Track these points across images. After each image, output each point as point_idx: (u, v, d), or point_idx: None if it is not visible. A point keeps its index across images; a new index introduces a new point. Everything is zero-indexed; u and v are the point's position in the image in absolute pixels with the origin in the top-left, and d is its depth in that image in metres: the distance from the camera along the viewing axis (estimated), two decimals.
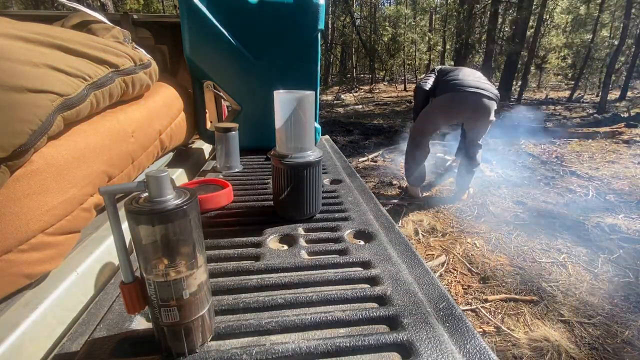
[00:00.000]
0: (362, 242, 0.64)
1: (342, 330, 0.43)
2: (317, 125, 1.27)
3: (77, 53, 0.66)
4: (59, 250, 0.54)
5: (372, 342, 0.40)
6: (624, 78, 8.18)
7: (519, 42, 8.71)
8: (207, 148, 1.40)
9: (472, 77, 2.63)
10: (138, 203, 0.35)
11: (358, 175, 1.03)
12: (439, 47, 14.69)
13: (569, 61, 13.06)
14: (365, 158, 4.23)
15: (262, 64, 1.17)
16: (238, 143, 1.05)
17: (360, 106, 8.96)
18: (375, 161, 4.15)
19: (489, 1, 9.60)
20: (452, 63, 12.80)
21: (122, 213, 0.35)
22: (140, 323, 0.44)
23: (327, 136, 1.57)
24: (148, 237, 0.35)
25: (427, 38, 14.24)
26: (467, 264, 2.06)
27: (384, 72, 16.58)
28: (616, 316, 1.62)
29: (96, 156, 0.65)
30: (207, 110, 1.29)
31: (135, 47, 0.90)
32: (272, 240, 0.65)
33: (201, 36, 1.10)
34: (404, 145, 4.63)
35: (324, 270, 0.55)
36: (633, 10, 8.60)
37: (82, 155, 0.61)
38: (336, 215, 0.74)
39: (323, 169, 1.03)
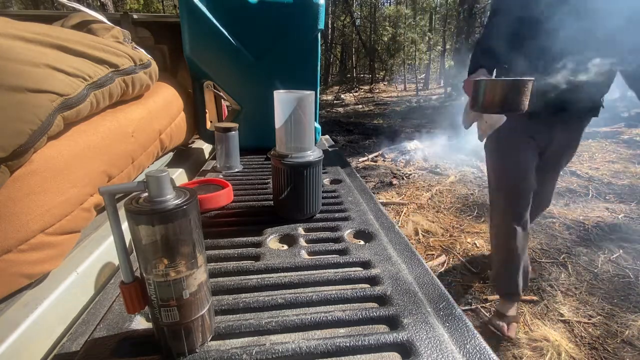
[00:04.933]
0: (362, 242, 0.64)
1: (342, 330, 0.43)
2: (317, 125, 1.27)
3: (77, 53, 0.66)
4: (59, 250, 0.54)
5: (372, 342, 0.40)
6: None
7: None
8: (207, 148, 1.40)
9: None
10: (138, 203, 0.35)
11: (358, 175, 1.03)
12: (439, 47, 14.69)
13: None
14: (365, 158, 4.23)
15: (262, 64, 1.17)
16: (238, 143, 1.05)
17: (360, 106, 8.96)
18: (375, 161, 4.15)
19: (489, 1, 9.59)
20: (452, 63, 12.79)
21: (122, 213, 0.35)
22: (140, 323, 0.44)
23: (327, 136, 1.58)
24: (148, 237, 0.34)
25: (427, 38, 14.25)
26: (467, 264, 2.06)
27: (384, 72, 16.59)
28: (616, 316, 1.62)
29: (96, 156, 0.65)
30: (207, 110, 1.29)
31: (135, 47, 0.90)
32: (272, 240, 0.65)
33: (201, 36, 1.10)
34: (404, 145, 4.64)
35: (324, 270, 0.55)
36: None
37: (82, 155, 0.61)
38: (336, 215, 0.74)
39: (323, 169, 1.03)
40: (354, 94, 11.44)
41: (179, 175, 1.04)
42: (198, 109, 1.22)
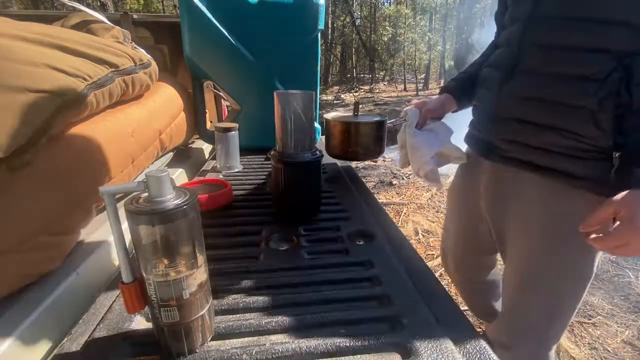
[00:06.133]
0: (362, 242, 0.64)
1: (342, 330, 0.43)
2: (317, 125, 1.27)
3: (77, 53, 0.66)
4: (59, 250, 0.54)
5: (372, 342, 0.40)
6: None
7: None
8: (207, 148, 1.40)
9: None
10: (138, 203, 0.35)
11: (358, 175, 1.03)
12: (439, 47, 14.70)
13: None
14: None
15: (262, 64, 1.17)
16: (238, 143, 1.05)
17: (360, 106, 8.97)
18: (375, 161, 4.15)
19: (489, 0, 9.60)
20: (452, 63, 12.80)
21: (122, 213, 0.35)
22: (140, 323, 0.44)
23: None
24: (148, 237, 0.34)
25: (427, 38, 14.26)
26: None
27: (384, 72, 16.61)
28: (616, 316, 1.62)
29: (96, 156, 0.65)
30: (207, 110, 1.29)
31: (135, 47, 0.90)
32: (272, 240, 0.65)
33: (201, 36, 1.10)
34: None
35: (324, 270, 0.55)
36: None
37: (82, 155, 0.61)
38: (336, 215, 0.74)
39: (323, 169, 1.03)
40: (354, 94, 11.46)
41: (179, 175, 1.04)
42: (198, 109, 1.22)
